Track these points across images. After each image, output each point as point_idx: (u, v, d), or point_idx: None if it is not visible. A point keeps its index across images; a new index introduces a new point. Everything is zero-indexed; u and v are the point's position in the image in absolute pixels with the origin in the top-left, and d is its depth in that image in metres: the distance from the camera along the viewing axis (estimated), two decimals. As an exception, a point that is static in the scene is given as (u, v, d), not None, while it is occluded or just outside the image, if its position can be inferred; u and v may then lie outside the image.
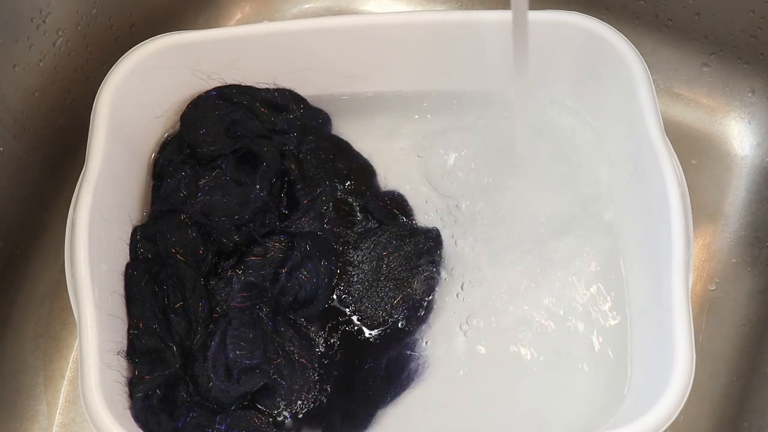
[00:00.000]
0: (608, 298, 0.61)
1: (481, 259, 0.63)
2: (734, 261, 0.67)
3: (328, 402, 0.59)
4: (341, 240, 0.63)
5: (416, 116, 0.67)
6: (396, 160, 0.66)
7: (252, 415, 0.58)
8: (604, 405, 0.58)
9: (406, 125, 0.67)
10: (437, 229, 0.63)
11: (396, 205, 0.64)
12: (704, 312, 0.65)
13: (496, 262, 0.63)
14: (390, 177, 0.66)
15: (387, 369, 0.60)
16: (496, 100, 0.65)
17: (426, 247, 0.62)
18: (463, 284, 0.62)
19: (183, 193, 0.62)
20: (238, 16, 0.76)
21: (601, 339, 0.60)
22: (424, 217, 0.65)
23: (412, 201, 0.65)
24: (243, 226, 0.62)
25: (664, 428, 0.52)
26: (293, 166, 0.64)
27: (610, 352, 0.60)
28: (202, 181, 0.63)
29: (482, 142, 0.65)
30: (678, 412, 0.52)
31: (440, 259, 0.63)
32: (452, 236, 0.64)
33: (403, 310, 0.61)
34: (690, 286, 0.55)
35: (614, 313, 0.61)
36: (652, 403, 0.52)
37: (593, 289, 0.62)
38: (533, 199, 0.64)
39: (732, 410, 0.62)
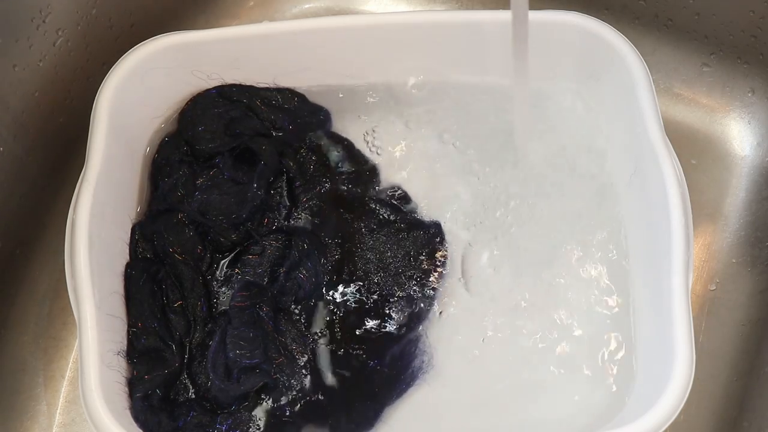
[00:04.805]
0: (608, 298, 0.61)
1: (483, 256, 0.63)
2: (734, 261, 0.67)
3: (333, 401, 0.59)
4: (340, 235, 0.63)
5: (417, 115, 0.67)
6: (397, 157, 0.66)
7: (253, 415, 0.58)
8: (606, 405, 0.58)
9: (407, 124, 0.67)
10: (439, 224, 0.63)
11: (400, 201, 0.64)
12: (704, 312, 0.65)
13: (498, 259, 0.63)
14: (391, 174, 0.66)
15: (391, 367, 0.60)
16: (496, 98, 0.65)
17: (427, 242, 0.62)
18: (465, 280, 0.62)
19: (180, 192, 0.62)
20: (239, 16, 0.76)
21: (601, 339, 0.60)
22: (427, 214, 0.64)
23: (414, 197, 0.65)
24: (240, 224, 0.62)
25: (664, 428, 0.52)
26: (291, 164, 0.64)
27: (610, 353, 0.60)
28: (200, 180, 0.63)
29: (484, 139, 0.65)
30: (678, 412, 0.52)
31: (442, 254, 0.63)
32: (455, 232, 0.64)
33: (404, 306, 0.61)
34: (690, 286, 0.55)
35: (614, 312, 0.61)
36: (652, 403, 0.52)
37: (594, 289, 0.62)
38: (534, 197, 0.64)
39: (732, 410, 0.62)
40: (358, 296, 0.61)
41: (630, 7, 0.70)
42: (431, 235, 0.63)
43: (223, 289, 0.61)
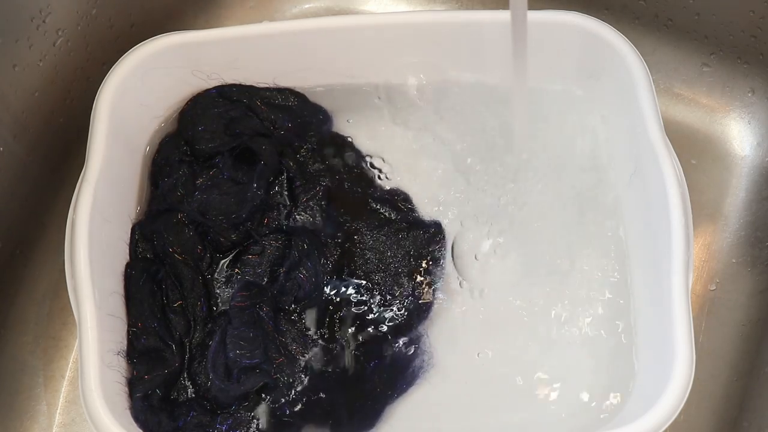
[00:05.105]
0: (608, 297, 0.61)
1: (484, 255, 0.63)
2: (734, 261, 0.67)
3: (334, 401, 0.59)
4: (340, 235, 0.63)
5: (417, 114, 0.67)
6: (398, 157, 0.66)
7: (253, 415, 0.58)
8: (606, 405, 0.58)
9: (407, 123, 0.67)
10: (439, 223, 0.63)
11: (400, 201, 0.64)
12: (704, 312, 0.65)
13: (498, 259, 0.63)
14: (393, 173, 0.66)
15: (391, 366, 0.60)
16: (496, 98, 0.65)
17: (427, 241, 0.62)
18: (465, 280, 0.62)
19: (180, 192, 0.62)
20: (239, 16, 0.76)
21: (601, 339, 0.60)
22: (427, 213, 0.64)
23: (414, 197, 0.65)
24: (240, 224, 0.62)
25: (664, 428, 0.52)
26: (291, 164, 0.64)
27: (610, 353, 0.60)
28: (200, 180, 0.63)
29: (484, 139, 0.66)
30: (678, 411, 0.52)
31: (442, 253, 0.63)
32: (455, 231, 0.64)
33: (404, 305, 0.61)
34: (690, 286, 0.55)
35: (614, 312, 0.61)
36: (652, 403, 0.52)
37: (593, 288, 0.62)
38: (533, 197, 0.64)
39: (732, 410, 0.62)
40: (358, 296, 0.61)
41: (630, 7, 0.70)
42: (431, 235, 0.63)
43: (223, 288, 0.61)
